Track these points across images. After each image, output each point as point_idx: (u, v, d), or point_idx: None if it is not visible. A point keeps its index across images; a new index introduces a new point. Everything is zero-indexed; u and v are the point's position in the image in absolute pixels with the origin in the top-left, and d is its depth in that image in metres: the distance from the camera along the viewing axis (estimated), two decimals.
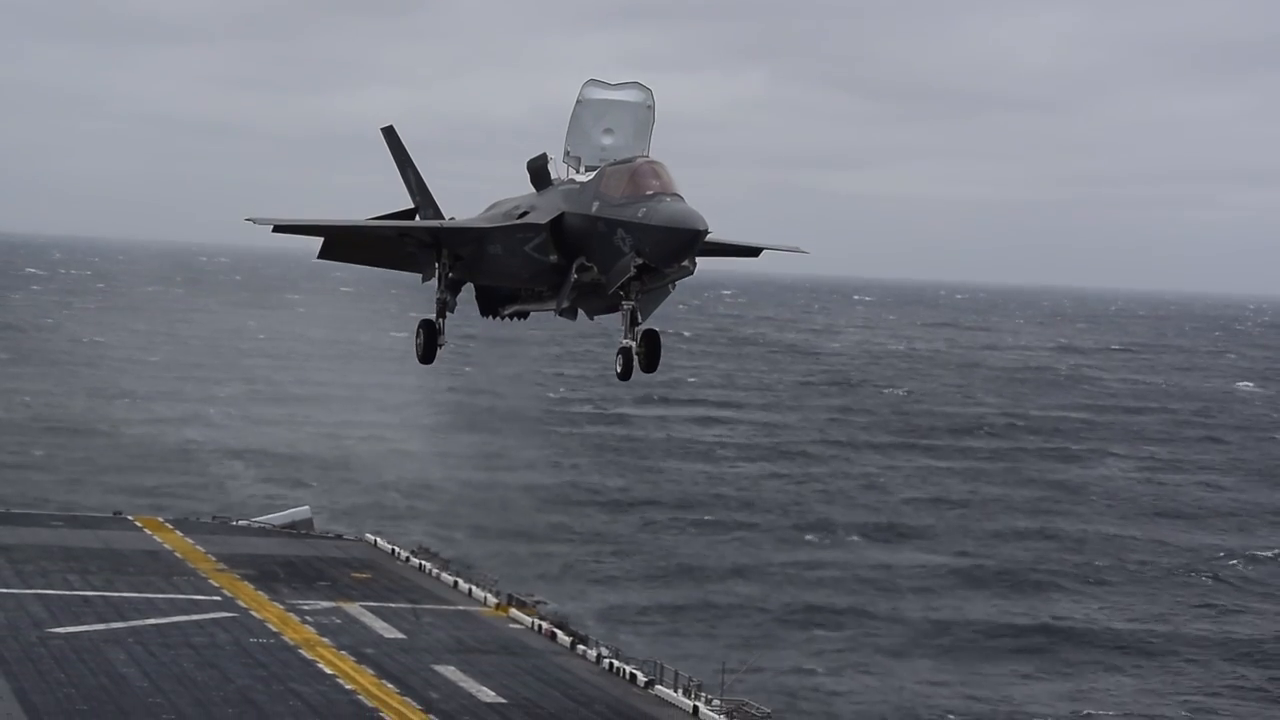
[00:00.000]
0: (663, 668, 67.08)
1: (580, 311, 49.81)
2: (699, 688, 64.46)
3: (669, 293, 48.17)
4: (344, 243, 55.78)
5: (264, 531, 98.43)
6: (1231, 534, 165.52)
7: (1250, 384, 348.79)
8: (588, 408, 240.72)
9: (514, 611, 78.31)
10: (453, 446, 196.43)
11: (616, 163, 46.99)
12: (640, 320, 46.62)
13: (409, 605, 78.95)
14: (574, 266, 47.07)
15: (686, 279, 46.55)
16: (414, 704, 61.51)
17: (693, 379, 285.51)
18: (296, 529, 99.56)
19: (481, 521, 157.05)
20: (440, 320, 51.61)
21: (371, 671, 65.96)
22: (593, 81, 48.82)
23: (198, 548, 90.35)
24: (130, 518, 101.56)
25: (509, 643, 73.17)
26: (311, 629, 72.63)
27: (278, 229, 54.62)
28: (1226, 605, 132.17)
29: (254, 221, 53.41)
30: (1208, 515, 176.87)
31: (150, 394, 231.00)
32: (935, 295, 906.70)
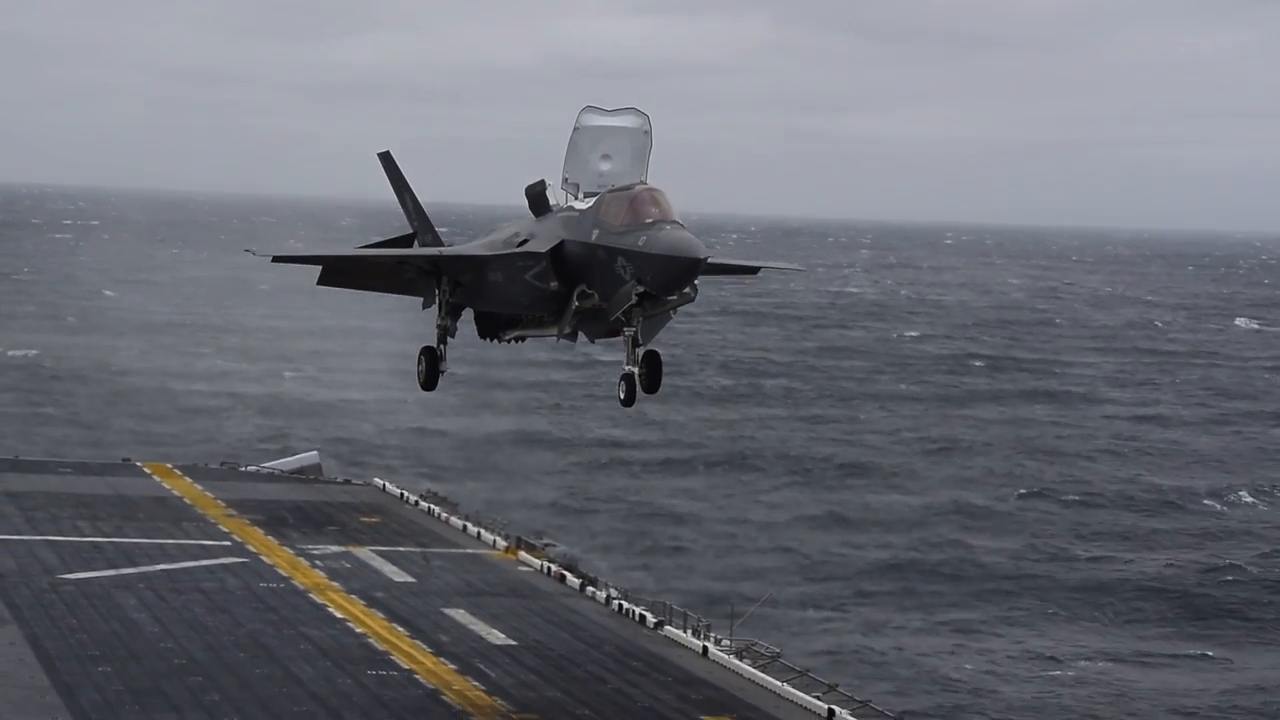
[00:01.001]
0: (672, 609, 67.27)
1: (581, 334, 49.87)
2: (708, 628, 64.65)
3: (670, 317, 48.20)
4: (343, 270, 55.97)
5: (272, 477, 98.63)
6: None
7: (1246, 320, 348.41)
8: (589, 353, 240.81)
9: (523, 554, 78.50)
10: (450, 395, 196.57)
11: (615, 190, 47.30)
12: (641, 344, 46.56)
13: (418, 549, 79.16)
14: (575, 294, 47.63)
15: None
16: (424, 647, 61.74)
17: (692, 329, 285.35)
18: (305, 474, 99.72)
19: (484, 466, 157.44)
20: (441, 346, 52.03)
21: (382, 615, 66.17)
22: (589, 108, 49.32)
23: (207, 494, 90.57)
24: (139, 464, 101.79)
25: (518, 585, 73.38)
26: (321, 573, 72.85)
27: (277, 259, 55.84)
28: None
29: (253, 253, 54.58)
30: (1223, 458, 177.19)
31: (153, 342, 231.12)
32: (939, 237, 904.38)
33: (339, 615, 66.04)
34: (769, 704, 57.87)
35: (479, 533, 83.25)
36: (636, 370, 46.74)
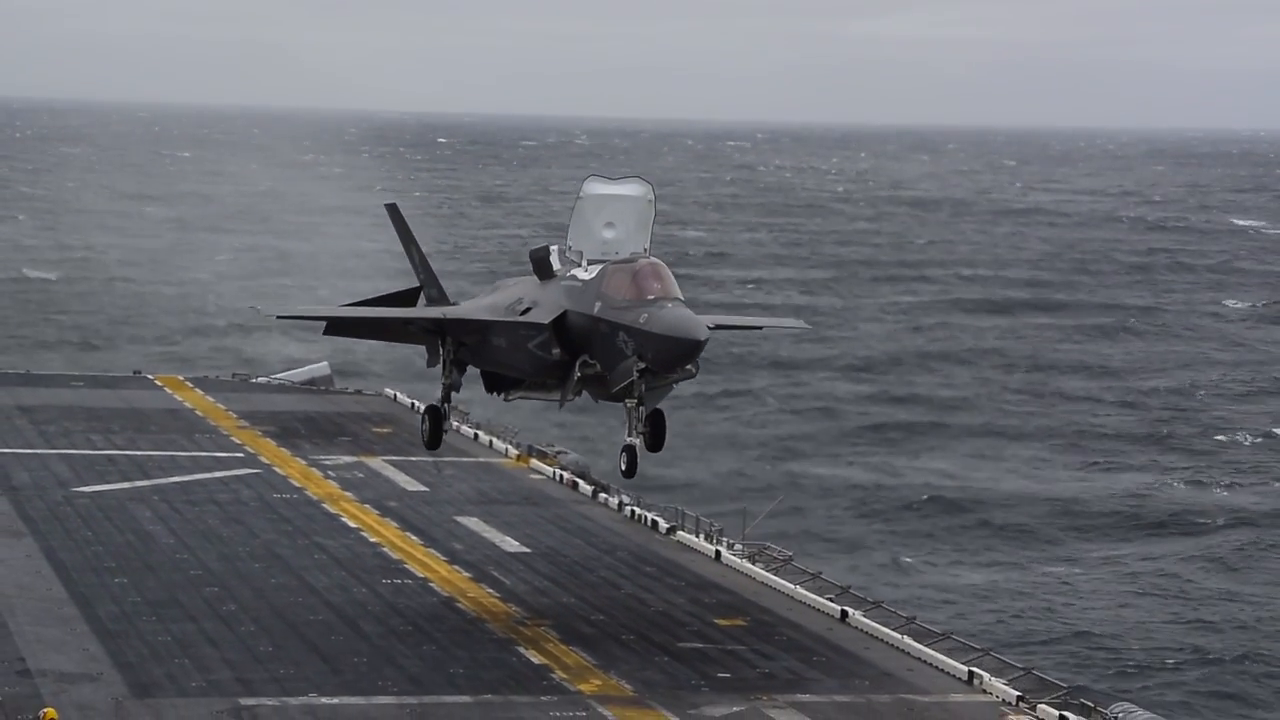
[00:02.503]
0: (684, 514, 67.50)
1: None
2: (720, 533, 64.87)
3: (673, 387, 48.44)
4: (349, 324, 57.46)
5: (284, 388, 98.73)
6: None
7: (1261, 223, 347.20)
8: None
9: (535, 462, 78.66)
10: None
11: (619, 262, 47.70)
12: (644, 413, 46.99)
13: (430, 459, 79.32)
14: (577, 363, 47.94)
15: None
16: (438, 555, 62.04)
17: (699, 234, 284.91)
18: (316, 385, 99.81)
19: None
20: (446, 405, 52.19)
21: (395, 524, 66.46)
22: (594, 177, 50.00)
23: (219, 405, 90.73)
24: (150, 377, 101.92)
25: (531, 493, 73.62)
26: (334, 484, 73.10)
27: (281, 318, 56.73)
28: None
29: (258, 310, 55.36)
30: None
31: (163, 254, 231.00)
32: (939, 142, 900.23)
33: (352, 525, 66.35)
34: (782, 607, 58.16)
35: (490, 441, 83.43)
36: (638, 443, 47.11)
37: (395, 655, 50.80)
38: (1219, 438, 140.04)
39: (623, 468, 47.19)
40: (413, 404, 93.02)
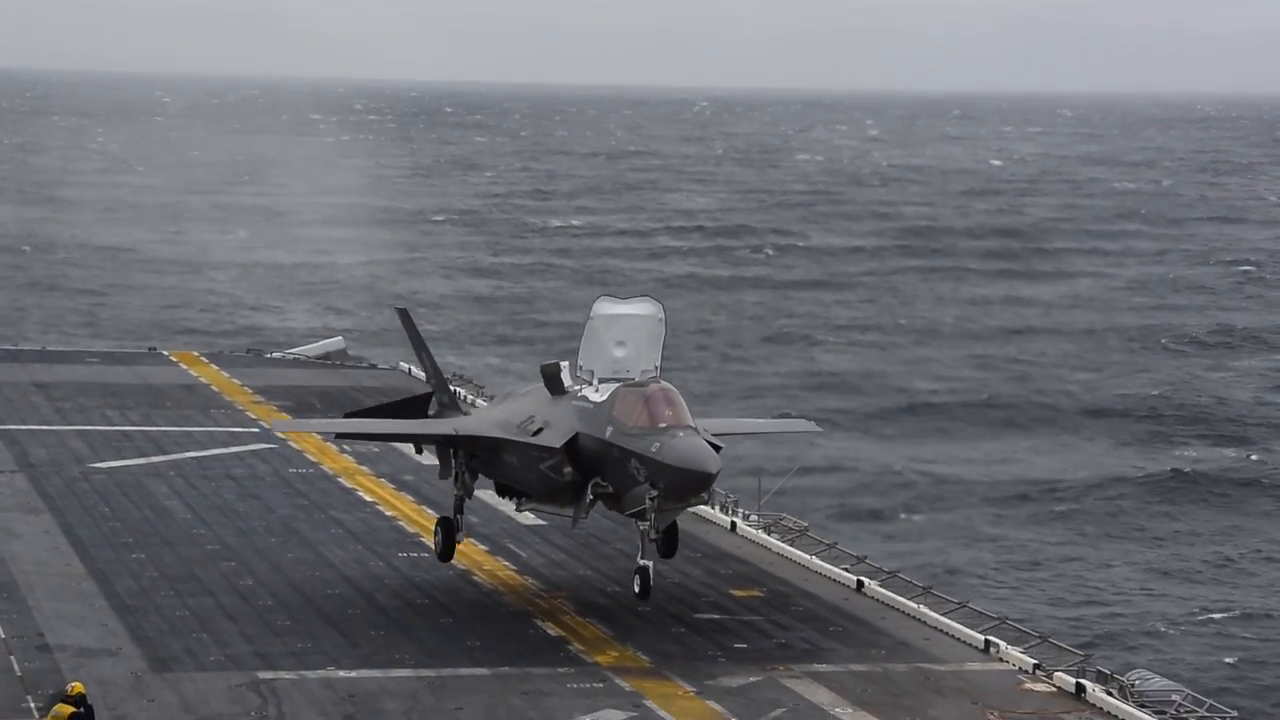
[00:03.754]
0: None
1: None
2: (736, 504, 64.91)
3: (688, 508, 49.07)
4: (360, 434, 59.30)
5: (298, 363, 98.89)
6: None
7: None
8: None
9: None
10: (471, 271, 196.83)
11: (630, 385, 48.16)
12: (656, 534, 47.60)
13: None
14: (590, 485, 48.36)
15: None
16: None
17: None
18: (330, 359, 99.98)
19: (502, 335, 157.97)
20: (458, 516, 52.14)
21: (411, 498, 66.56)
22: (604, 298, 50.77)
23: (234, 380, 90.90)
24: (165, 353, 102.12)
25: None
26: (350, 458, 73.18)
27: (286, 432, 57.94)
28: None
29: (270, 428, 56.49)
30: None
31: (168, 226, 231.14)
32: (945, 110, 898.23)
33: (369, 499, 66.47)
34: (798, 577, 58.25)
35: None
36: (652, 565, 47.26)
37: (412, 628, 50.95)
38: (1240, 397, 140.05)
39: (636, 589, 47.57)
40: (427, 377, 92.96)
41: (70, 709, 37.74)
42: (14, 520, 61.86)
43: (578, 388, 50.22)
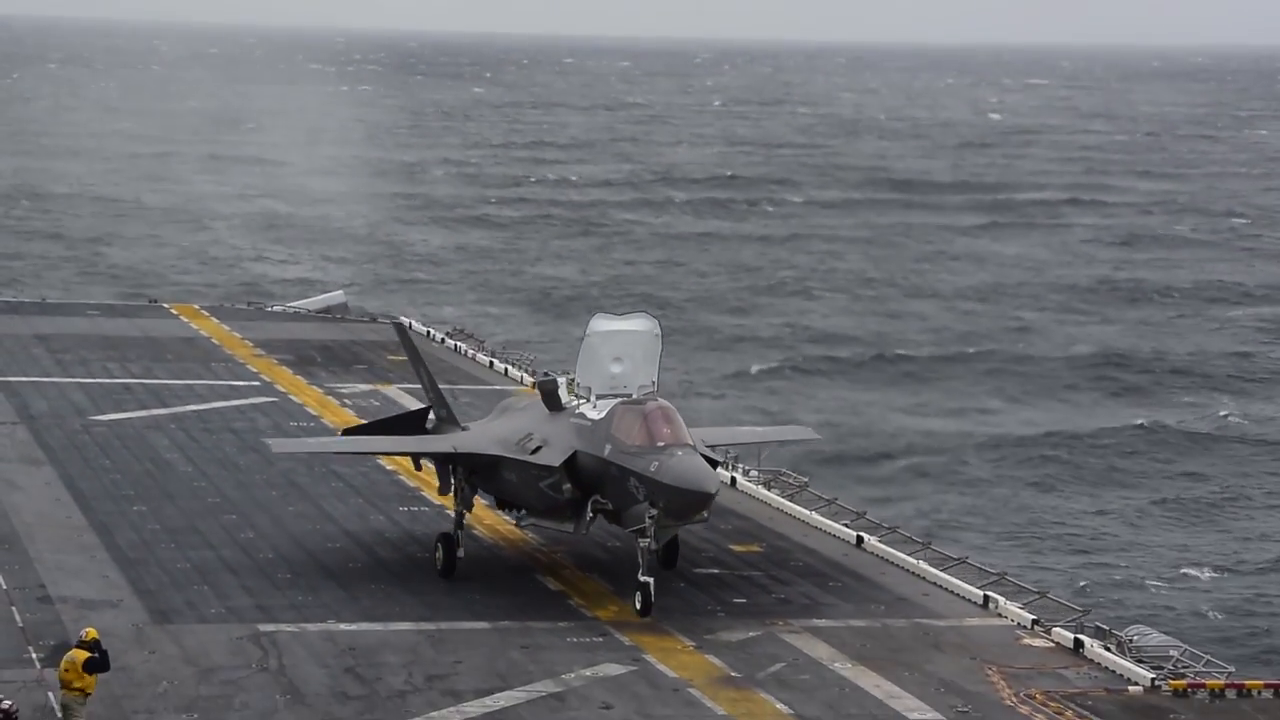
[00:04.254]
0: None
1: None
2: (736, 459, 65.00)
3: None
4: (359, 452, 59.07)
5: (299, 316, 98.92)
6: None
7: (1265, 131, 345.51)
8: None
9: None
10: (468, 228, 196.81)
11: (628, 403, 48.36)
12: (656, 549, 47.73)
13: (447, 386, 79.40)
14: (590, 502, 48.51)
15: None
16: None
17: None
18: (331, 313, 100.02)
19: (500, 286, 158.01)
20: (459, 532, 52.16)
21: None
22: (601, 315, 51.11)
23: (234, 334, 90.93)
24: (166, 305, 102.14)
25: None
26: (350, 411, 73.29)
27: (282, 452, 59.31)
28: None
29: (271, 444, 57.58)
30: None
31: (163, 175, 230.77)
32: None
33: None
34: (797, 533, 58.40)
35: (506, 369, 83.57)
36: (652, 581, 47.32)
37: (412, 582, 51.09)
38: (1243, 350, 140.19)
39: (637, 606, 47.60)
40: (428, 331, 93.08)
41: (85, 654, 38.03)
42: (15, 472, 61.98)
43: (576, 403, 50.44)
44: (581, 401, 50.33)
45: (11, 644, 44.22)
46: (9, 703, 37.21)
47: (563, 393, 51.28)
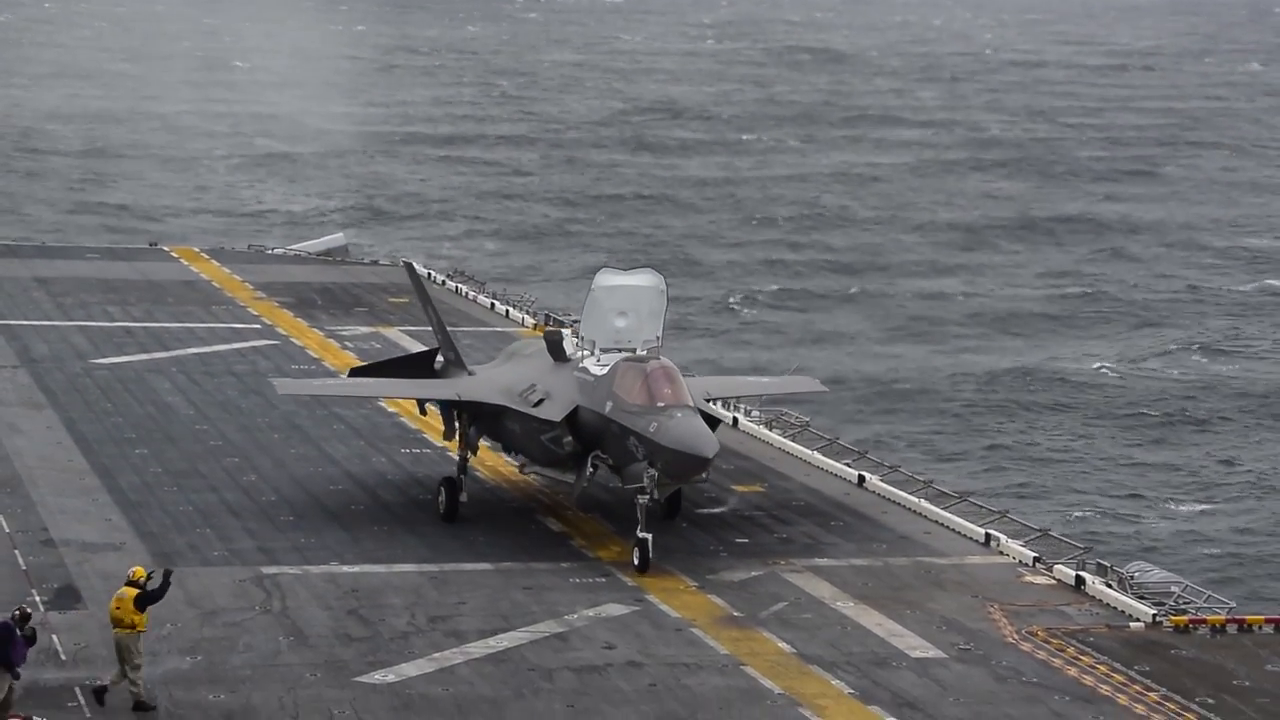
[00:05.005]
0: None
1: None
2: (738, 400, 65.01)
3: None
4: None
5: (300, 259, 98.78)
6: None
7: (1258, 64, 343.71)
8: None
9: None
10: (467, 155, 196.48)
11: (631, 359, 48.44)
12: (657, 501, 47.82)
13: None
14: (590, 457, 48.54)
15: None
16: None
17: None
18: (332, 256, 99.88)
19: (498, 224, 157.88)
20: (461, 477, 52.06)
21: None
22: (607, 269, 51.23)
23: (234, 276, 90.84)
24: (166, 248, 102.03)
25: None
26: (352, 354, 73.25)
27: (288, 394, 59.47)
28: None
29: (276, 384, 58.01)
30: None
31: (150, 108, 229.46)
32: None
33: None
34: (799, 472, 58.48)
35: (507, 310, 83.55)
36: (650, 537, 47.25)
37: (415, 524, 51.21)
38: (1243, 288, 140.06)
39: (635, 562, 47.50)
40: (429, 273, 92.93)
41: (135, 590, 38.44)
42: (16, 415, 62.03)
43: (580, 354, 50.41)
44: (585, 354, 50.39)
45: (14, 587, 44.33)
46: (26, 608, 37.39)
47: (568, 344, 51.31)
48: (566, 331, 52.40)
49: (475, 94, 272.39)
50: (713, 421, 49.99)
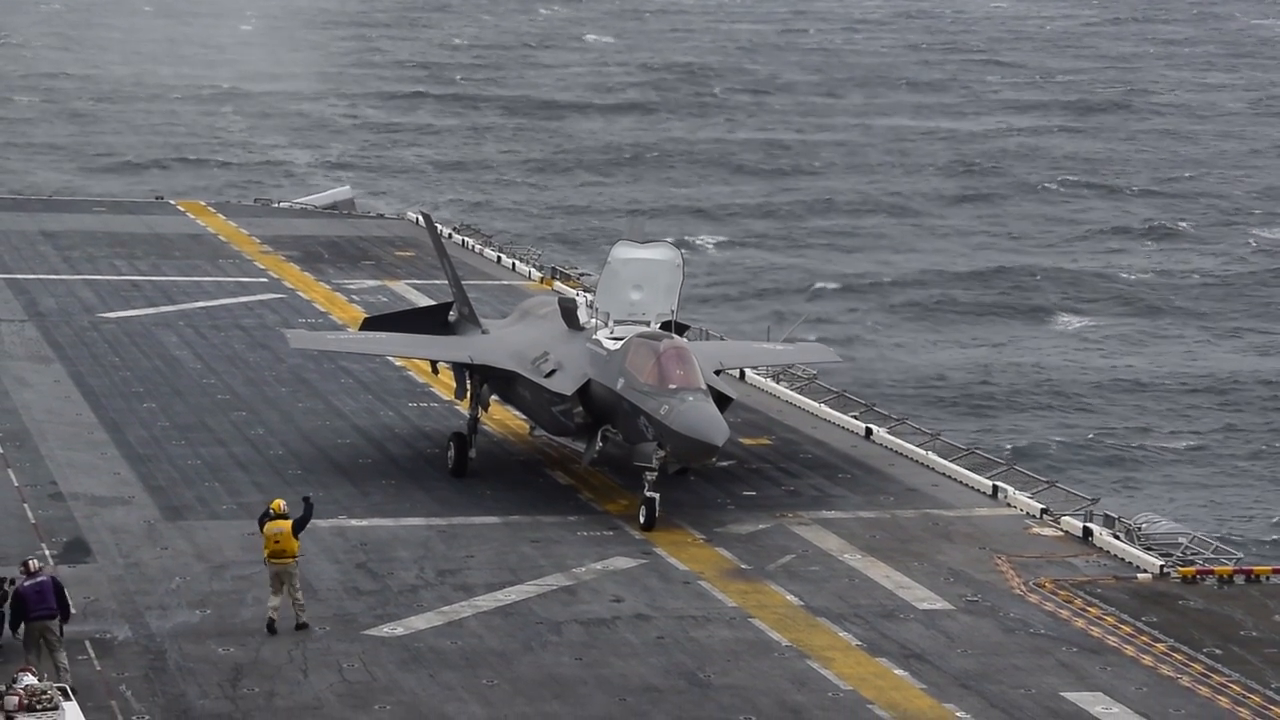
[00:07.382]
0: (708, 335, 67.47)
1: None
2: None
3: None
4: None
5: (306, 212, 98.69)
6: None
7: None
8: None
9: (558, 284, 78.67)
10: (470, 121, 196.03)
11: (644, 336, 48.14)
12: (667, 472, 47.47)
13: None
14: (600, 431, 48.40)
15: None
16: None
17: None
18: (339, 209, 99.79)
19: (508, 181, 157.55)
20: (472, 435, 51.96)
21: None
22: (624, 242, 50.84)
23: (241, 230, 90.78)
24: (173, 202, 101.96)
25: None
26: (359, 308, 73.21)
27: (301, 349, 59.70)
28: None
29: (288, 336, 58.30)
30: None
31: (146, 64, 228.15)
32: None
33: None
34: (807, 425, 58.50)
35: (514, 264, 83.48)
36: (657, 496, 47.12)
37: (423, 478, 51.28)
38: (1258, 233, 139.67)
39: (642, 520, 47.39)
40: (437, 227, 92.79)
41: (287, 522, 39.47)
42: (25, 369, 62.11)
43: (594, 324, 50.38)
44: (599, 325, 50.32)
45: (23, 540, 44.44)
46: (35, 563, 37.40)
47: (582, 313, 51.22)
48: (581, 300, 52.26)
49: (471, 58, 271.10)
50: (723, 401, 49.58)
